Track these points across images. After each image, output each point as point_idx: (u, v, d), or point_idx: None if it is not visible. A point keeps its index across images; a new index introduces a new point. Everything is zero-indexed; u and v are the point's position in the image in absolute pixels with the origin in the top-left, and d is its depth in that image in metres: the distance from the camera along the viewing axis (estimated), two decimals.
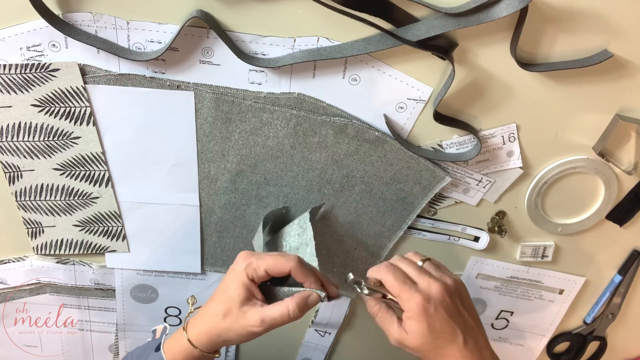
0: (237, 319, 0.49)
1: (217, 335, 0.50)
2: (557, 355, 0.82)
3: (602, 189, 0.63)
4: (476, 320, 0.51)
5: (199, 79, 0.54)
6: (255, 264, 0.50)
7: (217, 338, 0.50)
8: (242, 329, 0.49)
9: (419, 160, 0.59)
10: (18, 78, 0.53)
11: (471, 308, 0.52)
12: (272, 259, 0.49)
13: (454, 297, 0.49)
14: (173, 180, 0.62)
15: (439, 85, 0.54)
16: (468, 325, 0.49)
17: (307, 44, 0.52)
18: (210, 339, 0.50)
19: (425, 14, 0.50)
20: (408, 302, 0.48)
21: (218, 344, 0.51)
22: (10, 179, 0.60)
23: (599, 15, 0.49)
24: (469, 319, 0.50)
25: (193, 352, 0.51)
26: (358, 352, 0.81)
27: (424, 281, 0.49)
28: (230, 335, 0.50)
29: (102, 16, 0.50)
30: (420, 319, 0.48)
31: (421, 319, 0.48)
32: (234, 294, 0.49)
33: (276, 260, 0.49)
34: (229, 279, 0.51)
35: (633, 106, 0.56)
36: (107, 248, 0.67)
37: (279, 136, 0.58)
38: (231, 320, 0.49)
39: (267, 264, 0.49)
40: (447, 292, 0.49)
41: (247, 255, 0.51)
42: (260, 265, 0.49)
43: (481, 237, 0.67)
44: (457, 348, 0.48)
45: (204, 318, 0.51)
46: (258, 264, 0.50)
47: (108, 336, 0.77)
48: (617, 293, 0.73)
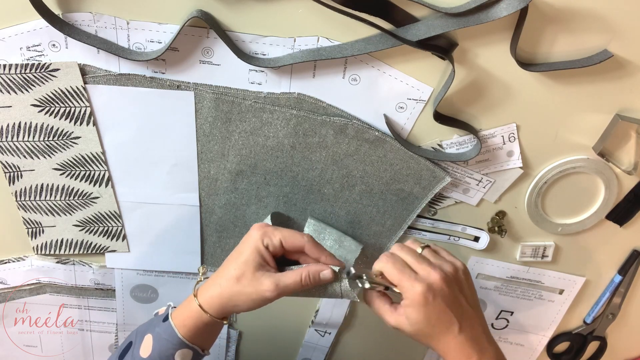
0: (251, 283, 0.49)
1: (229, 298, 0.50)
2: (557, 355, 0.82)
3: (602, 189, 0.63)
4: (474, 305, 0.52)
5: (199, 79, 0.54)
6: (271, 232, 0.51)
7: (228, 302, 0.50)
8: (254, 292, 0.49)
9: (419, 160, 0.59)
10: (18, 78, 0.53)
11: (470, 293, 0.52)
12: (288, 231, 0.51)
13: (452, 285, 0.50)
14: (173, 180, 0.62)
15: (439, 85, 0.54)
16: (465, 313, 0.50)
17: (307, 44, 0.52)
18: (222, 302, 0.50)
19: (425, 14, 0.50)
20: (408, 291, 0.49)
21: (228, 309, 0.51)
22: (10, 179, 0.60)
23: (599, 15, 0.49)
24: (466, 306, 0.50)
25: (203, 317, 0.51)
26: (358, 352, 0.81)
27: (424, 270, 0.50)
28: (242, 299, 0.50)
29: (102, 16, 0.50)
30: (419, 308, 0.48)
31: (420, 309, 0.48)
32: (249, 258, 0.50)
33: (292, 233, 0.51)
34: (243, 245, 0.51)
35: (633, 106, 0.56)
36: (107, 248, 0.67)
37: (279, 136, 0.58)
38: (244, 283, 0.49)
39: (282, 234, 0.51)
40: (445, 281, 0.49)
41: (262, 225, 0.52)
42: (276, 234, 0.51)
43: (481, 237, 0.67)
44: (452, 336, 0.49)
45: (216, 282, 0.51)
46: (274, 232, 0.51)
47: (108, 336, 0.77)
48: (617, 293, 0.73)
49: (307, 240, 0.51)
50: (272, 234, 0.51)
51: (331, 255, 0.52)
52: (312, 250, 0.51)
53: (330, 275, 0.51)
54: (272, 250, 0.51)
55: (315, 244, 0.52)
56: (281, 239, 0.51)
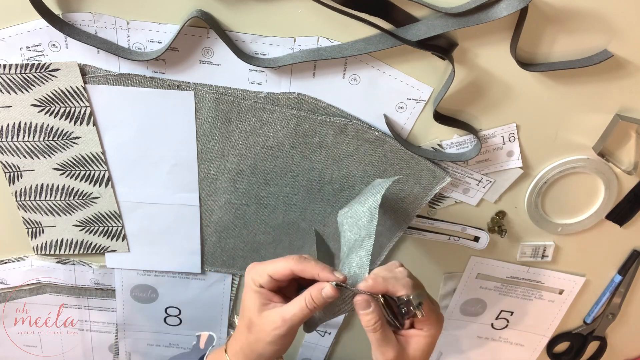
0: (261, 327, 0.48)
1: (250, 350, 0.49)
2: (557, 355, 0.82)
3: (602, 189, 0.63)
4: None
5: (199, 79, 0.54)
6: (259, 270, 0.49)
7: (251, 353, 0.49)
8: (267, 335, 0.47)
9: (419, 160, 0.59)
10: (18, 78, 0.53)
11: None
12: (273, 262, 0.49)
13: None
14: (173, 180, 0.62)
15: (439, 85, 0.54)
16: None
17: (307, 44, 0.52)
18: (246, 355, 0.50)
19: (425, 14, 0.50)
20: (436, 322, 0.48)
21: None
22: (10, 179, 0.60)
23: (599, 15, 0.49)
24: None
25: None
26: (358, 352, 0.81)
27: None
28: (261, 346, 0.48)
29: (102, 16, 0.50)
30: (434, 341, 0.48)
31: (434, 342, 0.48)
32: (249, 304, 0.49)
33: (276, 262, 0.48)
34: (243, 295, 0.50)
35: (633, 106, 0.56)
36: (107, 248, 0.67)
37: (279, 136, 0.58)
38: (255, 330, 0.48)
39: (268, 269, 0.48)
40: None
41: (251, 266, 0.50)
42: (263, 270, 0.48)
43: (481, 237, 0.67)
44: None
45: (235, 337, 0.51)
46: (261, 269, 0.49)
47: (108, 336, 0.77)
48: (617, 293, 0.73)
49: (293, 264, 0.47)
50: (260, 271, 0.48)
51: (326, 269, 0.47)
52: (302, 271, 0.47)
53: (332, 291, 0.45)
54: (269, 287, 0.48)
55: (302, 263, 0.47)
56: (269, 273, 0.48)
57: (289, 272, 0.48)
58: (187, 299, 0.73)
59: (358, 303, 0.46)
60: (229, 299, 0.73)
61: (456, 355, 0.82)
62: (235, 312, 0.75)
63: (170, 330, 0.77)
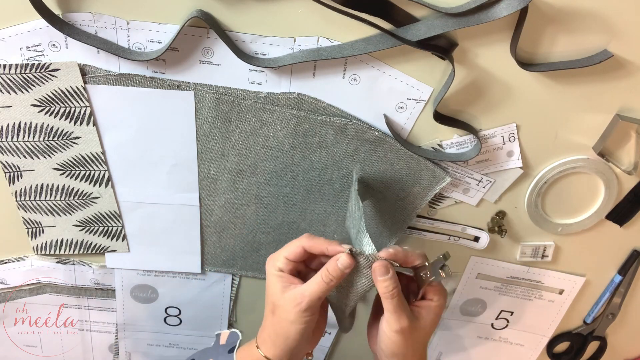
0: (283, 307, 0.49)
1: (276, 335, 0.50)
2: (557, 355, 0.82)
3: (602, 189, 0.63)
4: None
5: (199, 79, 0.54)
6: (275, 256, 0.52)
7: (277, 338, 0.50)
8: (289, 313, 0.48)
9: (419, 160, 0.59)
10: (18, 78, 0.53)
11: None
12: (287, 245, 0.51)
13: None
14: (173, 180, 0.62)
15: (439, 85, 0.54)
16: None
17: (307, 44, 0.52)
18: (275, 343, 0.50)
19: (425, 14, 0.50)
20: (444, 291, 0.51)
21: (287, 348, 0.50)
22: (10, 179, 0.60)
23: (599, 15, 0.49)
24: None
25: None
26: (358, 352, 0.80)
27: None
28: (285, 327, 0.49)
29: (102, 16, 0.50)
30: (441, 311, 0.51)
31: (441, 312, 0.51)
32: (272, 288, 0.50)
33: (289, 244, 0.51)
34: (266, 283, 0.52)
35: (633, 106, 0.56)
36: (107, 248, 0.67)
37: (279, 136, 0.58)
38: (279, 311, 0.49)
39: (283, 252, 0.51)
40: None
41: (269, 256, 0.53)
42: (279, 255, 0.51)
43: (481, 237, 0.67)
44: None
45: (262, 327, 0.52)
46: (277, 254, 0.52)
47: (108, 336, 0.77)
48: (617, 293, 0.73)
49: (304, 241, 0.50)
50: (277, 256, 0.51)
51: (334, 242, 0.49)
52: (312, 247, 0.50)
53: (347, 259, 0.47)
54: (287, 270, 0.50)
55: (312, 239, 0.50)
56: (285, 256, 0.50)
57: (301, 249, 0.50)
58: (187, 299, 0.73)
59: (377, 269, 0.47)
60: (229, 299, 0.73)
61: (456, 355, 0.82)
62: (235, 312, 0.75)
63: (170, 330, 0.77)
